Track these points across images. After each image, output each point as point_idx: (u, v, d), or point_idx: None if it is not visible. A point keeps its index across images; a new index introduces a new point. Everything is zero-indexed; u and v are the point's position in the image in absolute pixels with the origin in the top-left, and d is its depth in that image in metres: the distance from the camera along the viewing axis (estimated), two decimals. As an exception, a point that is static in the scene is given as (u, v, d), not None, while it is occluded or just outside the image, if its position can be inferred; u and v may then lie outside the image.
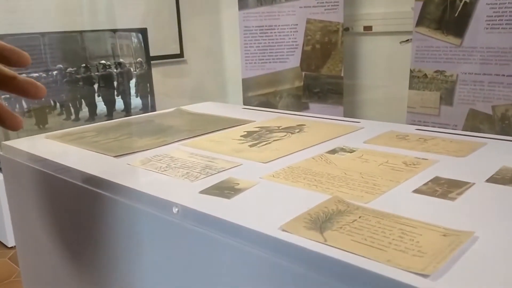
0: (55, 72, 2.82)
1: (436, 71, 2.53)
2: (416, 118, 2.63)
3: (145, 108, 3.18)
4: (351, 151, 0.95)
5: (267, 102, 3.14)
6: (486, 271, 0.50)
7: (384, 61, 2.97)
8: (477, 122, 2.43)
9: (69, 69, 2.85)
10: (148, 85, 3.17)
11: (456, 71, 2.44)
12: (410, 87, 2.61)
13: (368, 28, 3.02)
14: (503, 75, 2.29)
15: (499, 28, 2.28)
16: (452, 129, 2.45)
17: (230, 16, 3.45)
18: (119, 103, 3.08)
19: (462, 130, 2.39)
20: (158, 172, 0.87)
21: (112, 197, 0.83)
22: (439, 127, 2.53)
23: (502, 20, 2.26)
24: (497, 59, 2.30)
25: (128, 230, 0.82)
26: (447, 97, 2.51)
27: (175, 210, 0.73)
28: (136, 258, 0.82)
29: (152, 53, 3.19)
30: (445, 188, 0.74)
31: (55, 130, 1.23)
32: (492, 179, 0.76)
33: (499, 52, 2.29)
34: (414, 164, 0.85)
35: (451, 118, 2.51)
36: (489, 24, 2.29)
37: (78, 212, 0.94)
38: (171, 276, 0.76)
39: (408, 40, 2.75)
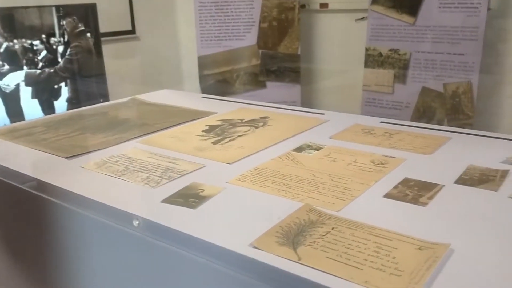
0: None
1: (390, 50, 2.54)
2: (371, 96, 2.66)
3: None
4: (318, 148, 0.92)
5: (224, 81, 3.07)
6: (464, 291, 0.50)
7: (340, 39, 2.95)
8: (429, 100, 2.48)
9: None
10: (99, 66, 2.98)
11: (409, 50, 2.47)
12: (366, 66, 2.62)
13: (324, 6, 2.98)
14: (454, 54, 2.33)
15: (452, 8, 2.30)
16: (405, 107, 2.49)
17: (183, -10, 3.32)
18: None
19: (415, 107, 2.43)
20: (115, 177, 0.81)
21: (66, 206, 0.77)
22: (393, 105, 2.57)
23: (454, -1, 2.29)
24: (449, 38, 2.33)
25: (84, 242, 0.76)
26: (401, 76, 2.53)
27: (135, 223, 0.68)
28: (94, 272, 0.76)
29: (101, 29, 3.02)
30: (415, 191, 0.73)
31: None
32: (460, 180, 0.76)
33: (451, 31, 2.32)
34: (382, 164, 0.84)
35: (404, 96, 2.55)
36: (442, 3, 2.31)
37: (29, 221, 0.86)
38: (134, 293, 0.71)
39: (363, 18, 2.74)
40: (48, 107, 2.55)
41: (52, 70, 2.55)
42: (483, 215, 0.65)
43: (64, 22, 2.75)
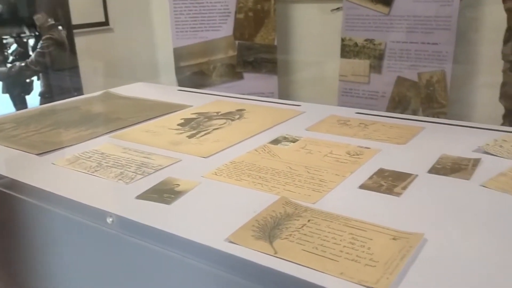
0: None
1: (366, 40, 2.56)
2: (348, 86, 2.67)
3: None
4: (294, 140, 0.92)
5: (200, 73, 3.05)
6: (437, 280, 0.50)
7: (316, 29, 2.96)
8: (404, 89, 2.51)
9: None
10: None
11: (384, 40, 2.49)
12: (342, 56, 2.63)
13: (300, -5, 2.98)
14: (428, 43, 2.36)
15: (425, -3, 2.33)
16: (381, 96, 2.52)
17: (157, -20, 3.26)
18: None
19: (390, 97, 2.46)
20: (88, 173, 0.79)
21: (37, 204, 0.75)
22: (369, 95, 2.59)
23: (427, -12, 2.31)
24: (423, 27, 2.36)
25: (56, 241, 0.75)
26: (377, 65, 2.56)
27: (109, 220, 0.67)
28: (67, 271, 0.75)
29: (73, 21, 2.95)
30: (389, 181, 0.73)
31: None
32: (433, 169, 0.77)
33: (424, 20, 2.35)
34: (357, 154, 0.84)
35: (380, 85, 2.58)
36: (415, -7, 2.34)
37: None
38: (110, 291, 0.71)
39: (338, 8, 2.75)
40: (20, 102, 2.48)
41: (23, 64, 2.47)
42: (456, 203, 0.66)
43: (34, 18, 2.64)
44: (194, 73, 3.10)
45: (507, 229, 0.59)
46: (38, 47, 2.63)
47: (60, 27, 2.78)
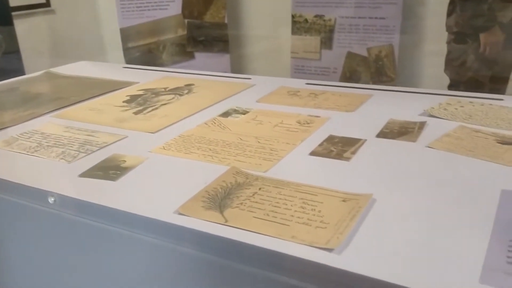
0: None
1: (315, 16, 2.56)
2: (300, 63, 2.68)
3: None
4: (245, 112, 0.91)
5: (149, 53, 2.96)
6: (386, 237, 0.51)
7: (267, 6, 2.93)
8: (354, 64, 2.54)
9: None
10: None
11: (334, 15, 2.50)
12: (293, 33, 2.63)
13: (249, -28, 2.94)
14: (376, 18, 2.40)
15: (372, -29, 2.35)
16: (333, 72, 2.54)
17: (99, -43, 3.11)
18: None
19: (341, 73, 2.48)
20: (27, 154, 0.75)
21: (-28, 189, 0.70)
22: (321, 71, 2.61)
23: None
24: (370, 2, 2.38)
25: (-3, 226, 0.71)
26: (327, 41, 2.57)
27: (51, 200, 0.63)
28: (10, 256, 0.71)
29: (12, 3, 2.78)
30: (339, 147, 0.74)
31: None
32: (381, 134, 0.78)
33: (372, -5, 2.38)
34: (308, 123, 0.84)
35: (331, 61, 2.59)
36: (362, -33, 2.35)
37: None
38: (54, 275, 0.67)
39: (288, -16, 2.73)
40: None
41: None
42: (402, 164, 0.68)
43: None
44: (143, 53, 3.01)
45: (452, 187, 0.61)
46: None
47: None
